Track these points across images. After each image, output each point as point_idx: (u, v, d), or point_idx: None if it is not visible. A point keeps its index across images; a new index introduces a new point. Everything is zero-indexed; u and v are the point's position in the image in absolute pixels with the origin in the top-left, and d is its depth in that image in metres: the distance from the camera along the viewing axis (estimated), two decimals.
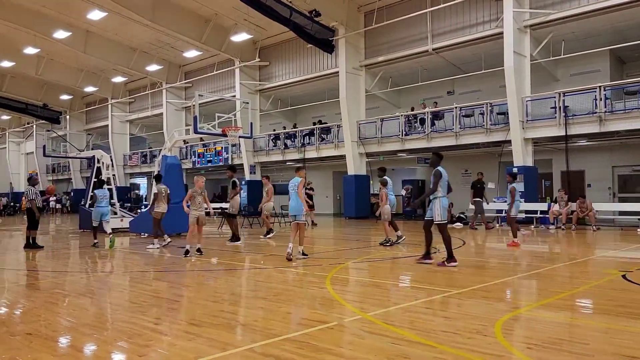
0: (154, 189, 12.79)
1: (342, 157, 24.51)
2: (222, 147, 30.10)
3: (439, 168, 8.76)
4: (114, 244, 12.38)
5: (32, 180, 13.05)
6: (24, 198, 13.78)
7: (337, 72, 24.11)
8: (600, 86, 17.03)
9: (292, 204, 9.67)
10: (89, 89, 36.26)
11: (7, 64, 32.13)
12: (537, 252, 11.62)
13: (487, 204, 17.91)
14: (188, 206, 10.54)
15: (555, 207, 17.27)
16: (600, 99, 16.88)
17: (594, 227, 16.11)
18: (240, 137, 17.09)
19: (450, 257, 8.54)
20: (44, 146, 25.53)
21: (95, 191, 13.19)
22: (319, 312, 5.43)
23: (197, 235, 10.59)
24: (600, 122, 16.91)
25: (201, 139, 30.46)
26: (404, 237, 12.34)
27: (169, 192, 12.70)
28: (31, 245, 12.36)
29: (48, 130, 32.96)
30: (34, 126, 45.27)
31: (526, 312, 5.48)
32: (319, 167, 29.30)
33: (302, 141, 26.49)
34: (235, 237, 13.12)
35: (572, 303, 6.00)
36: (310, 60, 26.59)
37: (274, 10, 19.70)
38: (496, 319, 4.98)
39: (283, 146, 27.43)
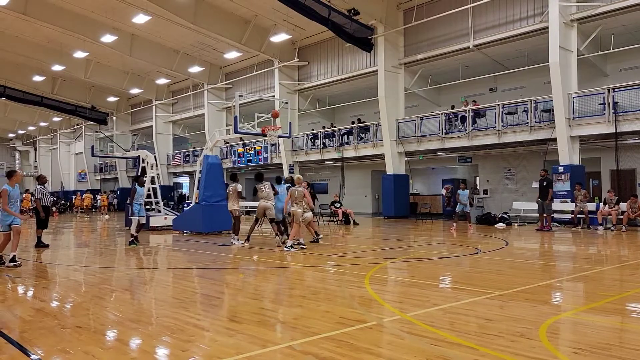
0: (229, 188, 12.91)
1: (381, 156, 24.34)
2: (261, 147, 30.46)
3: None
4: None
5: (40, 179, 12.82)
6: (33, 197, 13.42)
7: (376, 70, 23.97)
8: None
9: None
10: (134, 90, 37.39)
11: (58, 67, 33.55)
12: (584, 253, 11.22)
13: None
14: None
15: (605, 208, 16.62)
16: None
17: None
18: (279, 136, 17.24)
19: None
20: (92, 146, 26.51)
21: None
22: (357, 311, 5.42)
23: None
24: None
25: (241, 139, 30.91)
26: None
27: (238, 190, 12.75)
28: (39, 244, 12.18)
29: (96, 131, 34.24)
30: (83, 127, 47.09)
31: (573, 316, 5.30)
32: (358, 167, 29.22)
33: (340, 140, 26.48)
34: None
35: (622, 307, 5.76)
36: (348, 59, 26.54)
37: (312, 10, 19.76)
38: (541, 322, 4.84)
39: (321, 145, 27.49)
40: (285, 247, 10.96)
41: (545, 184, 16.37)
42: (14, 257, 9.01)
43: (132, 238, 12.52)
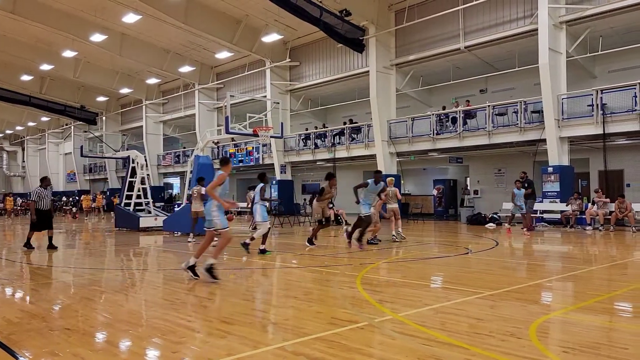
0: (193, 190, 12.84)
1: (373, 156, 24.38)
2: (253, 147, 30.38)
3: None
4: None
5: (44, 182, 12.35)
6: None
7: (368, 71, 24.01)
8: None
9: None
10: (124, 90, 37.13)
11: (46, 67, 33.24)
12: (573, 253, 11.31)
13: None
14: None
15: (593, 208, 16.78)
16: None
17: (633, 228, 15.57)
18: (271, 137, 17.22)
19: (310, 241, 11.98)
20: (82, 147, 26.29)
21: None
22: (349, 311, 5.42)
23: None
24: None
25: (233, 139, 30.81)
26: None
27: (202, 192, 12.66)
28: (50, 246, 12.04)
29: (85, 131, 33.90)
30: (72, 127, 46.66)
31: (562, 315, 5.34)
32: (350, 167, 29.26)
33: (332, 141, 26.50)
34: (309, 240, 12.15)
35: (611, 306, 5.81)
36: (340, 60, 26.57)
37: (304, 11, 19.76)
38: (531, 321, 4.88)
39: (313, 146, 27.49)
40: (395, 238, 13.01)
41: (527, 184, 16.50)
42: (211, 266, 7.22)
43: (263, 247, 10.63)
